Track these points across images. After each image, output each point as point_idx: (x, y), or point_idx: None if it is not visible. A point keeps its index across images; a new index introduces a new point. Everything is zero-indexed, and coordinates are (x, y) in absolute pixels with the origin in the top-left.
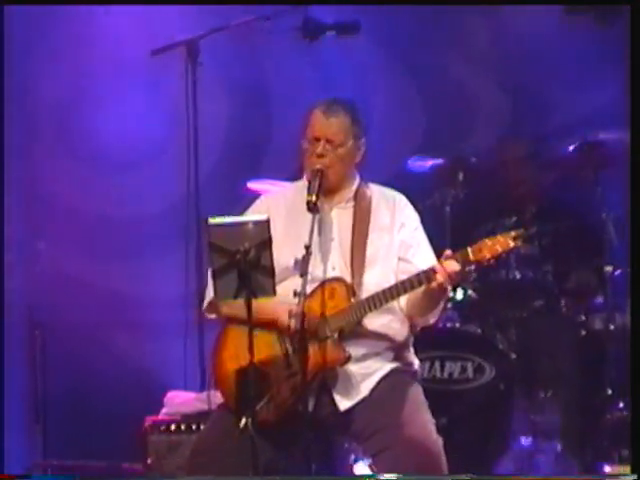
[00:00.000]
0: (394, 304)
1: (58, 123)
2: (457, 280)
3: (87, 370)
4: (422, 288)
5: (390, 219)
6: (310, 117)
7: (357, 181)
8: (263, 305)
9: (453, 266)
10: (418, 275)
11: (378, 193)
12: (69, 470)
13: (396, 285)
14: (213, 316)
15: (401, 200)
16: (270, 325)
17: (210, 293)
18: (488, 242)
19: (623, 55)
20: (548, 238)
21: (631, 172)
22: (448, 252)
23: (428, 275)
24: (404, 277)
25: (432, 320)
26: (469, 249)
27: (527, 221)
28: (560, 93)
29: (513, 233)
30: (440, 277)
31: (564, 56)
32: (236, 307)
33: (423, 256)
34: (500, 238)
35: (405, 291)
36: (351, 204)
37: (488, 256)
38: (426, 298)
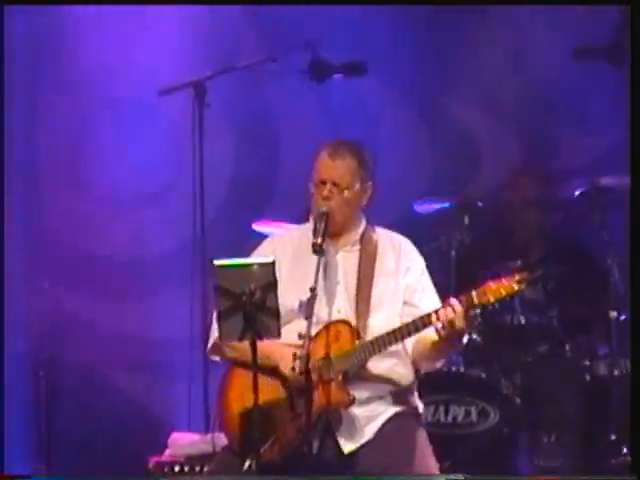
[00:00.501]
0: (399, 348)
1: (64, 161)
2: (461, 323)
3: (91, 410)
4: (431, 340)
5: (395, 263)
6: (316, 159)
7: (363, 224)
8: (267, 347)
9: (457, 307)
10: (422, 318)
11: (384, 237)
12: None
13: (400, 328)
14: (217, 358)
15: (407, 244)
16: (275, 367)
17: (214, 334)
18: (492, 285)
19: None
20: (553, 282)
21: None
22: (452, 299)
23: (432, 318)
24: (409, 320)
25: (438, 365)
26: (473, 292)
27: (532, 264)
28: (567, 135)
29: (517, 276)
30: (446, 317)
31: (572, 98)
32: (240, 350)
33: (428, 300)
34: (504, 281)
35: (409, 334)
36: (357, 247)
37: (492, 299)
38: (435, 349)
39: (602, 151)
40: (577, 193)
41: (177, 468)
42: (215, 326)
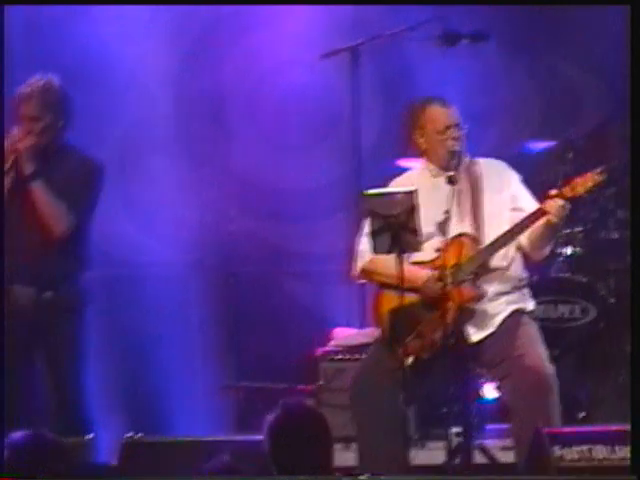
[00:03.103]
0: (516, 255)
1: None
2: (562, 215)
3: (270, 312)
4: (542, 227)
5: (498, 181)
6: (427, 112)
7: (468, 157)
8: (409, 269)
9: (558, 200)
10: (529, 216)
11: (483, 163)
12: (256, 391)
13: (512, 228)
14: (363, 281)
15: (503, 164)
16: (417, 277)
17: (361, 259)
18: (579, 180)
19: None
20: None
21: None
22: (552, 191)
23: (537, 214)
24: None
25: (545, 253)
26: (566, 188)
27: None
28: None
29: (598, 170)
30: (550, 210)
31: None
32: (386, 271)
33: (530, 203)
34: (588, 175)
35: (520, 230)
36: (468, 174)
37: (581, 190)
38: (542, 234)
39: None
40: None
41: (339, 356)
42: (362, 252)
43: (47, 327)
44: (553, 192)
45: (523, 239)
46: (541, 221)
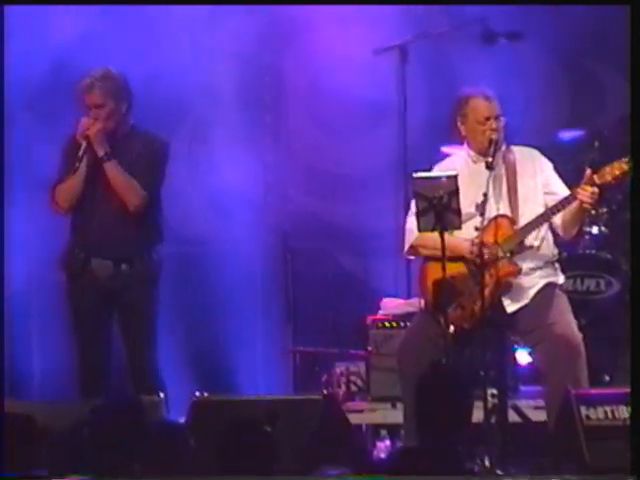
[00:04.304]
0: (548, 234)
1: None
2: (592, 200)
3: (325, 284)
4: (571, 214)
5: (532, 168)
6: (469, 103)
7: (505, 145)
8: (452, 241)
9: (587, 189)
10: (562, 200)
11: (518, 151)
12: (311, 355)
13: (546, 211)
14: (412, 257)
15: (535, 152)
16: (458, 253)
17: (410, 238)
18: (607, 168)
19: None
20: None
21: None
22: (584, 178)
23: (569, 199)
24: (552, 204)
25: (575, 232)
26: (595, 176)
27: None
28: None
29: (625, 159)
30: (581, 195)
31: None
32: (430, 247)
33: (561, 188)
34: (615, 164)
35: (554, 213)
36: (504, 160)
37: (609, 178)
38: (574, 216)
39: None
40: None
41: (387, 323)
42: (410, 230)
43: (123, 297)
44: (585, 178)
45: (556, 220)
46: (573, 205)
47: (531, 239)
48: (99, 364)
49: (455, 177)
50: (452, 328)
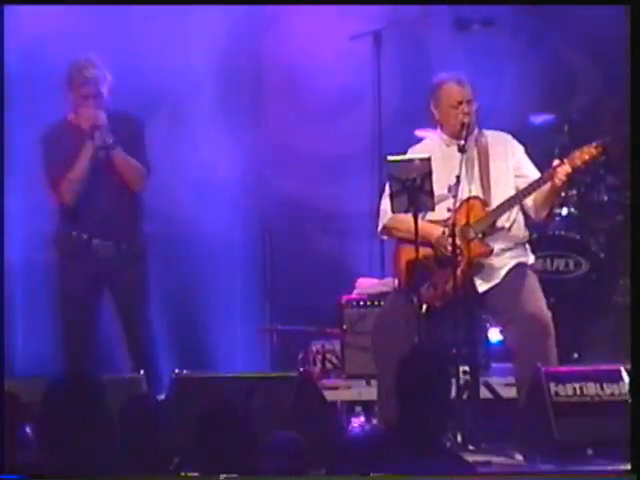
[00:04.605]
0: (519, 215)
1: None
2: (563, 182)
3: (301, 264)
4: (542, 196)
5: (504, 150)
6: (443, 88)
7: (477, 128)
8: (425, 225)
9: (560, 171)
10: (534, 182)
11: (490, 134)
12: (288, 333)
13: (518, 192)
14: (385, 237)
15: (507, 136)
16: (431, 234)
17: (383, 218)
18: (577, 153)
19: None
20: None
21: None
22: (555, 161)
23: (541, 181)
24: (523, 187)
25: (545, 214)
26: (565, 159)
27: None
28: None
29: (594, 144)
30: (553, 177)
31: None
32: (404, 228)
33: (532, 170)
34: (585, 149)
35: (525, 195)
36: (477, 144)
37: (579, 163)
38: (546, 198)
39: None
40: None
41: (362, 302)
42: (384, 211)
43: (120, 273)
44: (556, 162)
45: (527, 202)
46: (544, 187)
47: (502, 220)
48: (89, 343)
49: (428, 160)
50: (425, 307)
